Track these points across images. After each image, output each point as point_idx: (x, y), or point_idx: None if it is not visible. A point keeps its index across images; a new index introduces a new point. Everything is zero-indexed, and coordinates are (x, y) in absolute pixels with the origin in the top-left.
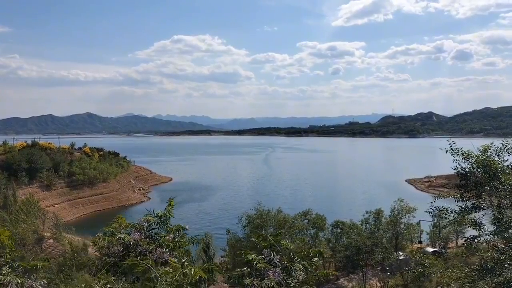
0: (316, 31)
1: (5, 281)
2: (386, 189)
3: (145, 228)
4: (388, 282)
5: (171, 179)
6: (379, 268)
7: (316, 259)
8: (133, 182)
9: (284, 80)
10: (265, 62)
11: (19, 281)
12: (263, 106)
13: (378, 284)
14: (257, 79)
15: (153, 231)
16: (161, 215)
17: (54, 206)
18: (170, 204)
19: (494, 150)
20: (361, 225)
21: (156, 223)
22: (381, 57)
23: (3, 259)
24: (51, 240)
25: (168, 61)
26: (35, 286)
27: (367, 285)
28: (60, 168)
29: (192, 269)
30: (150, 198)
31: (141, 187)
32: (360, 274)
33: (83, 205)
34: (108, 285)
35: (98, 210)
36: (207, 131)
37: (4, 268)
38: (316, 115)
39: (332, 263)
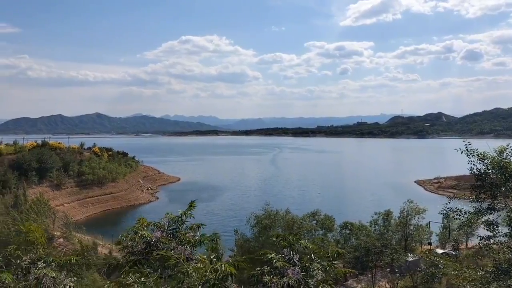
0: (324, 31)
1: (40, 274)
2: (395, 190)
3: (166, 227)
4: (397, 283)
5: (179, 179)
6: (388, 269)
7: (336, 262)
8: (142, 182)
9: (292, 80)
10: (273, 63)
11: (54, 275)
12: (270, 106)
13: (387, 286)
14: (265, 79)
15: (174, 229)
16: (181, 214)
17: (64, 206)
18: (191, 205)
19: (510, 152)
20: (370, 226)
21: (176, 221)
22: (390, 57)
23: (37, 255)
24: (61, 239)
25: (176, 62)
26: (66, 282)
27: (376, 287)
28: (69, 168)
29: (223, 265)
30: (158, 198)
31: (149, 187)
32: (369, 275)
33: (92, 204)
34: (142, 278)
35: (107, 210)
36: (215, 131)
37: (39, 263)
38: (324, 115)
39: (341, 264)
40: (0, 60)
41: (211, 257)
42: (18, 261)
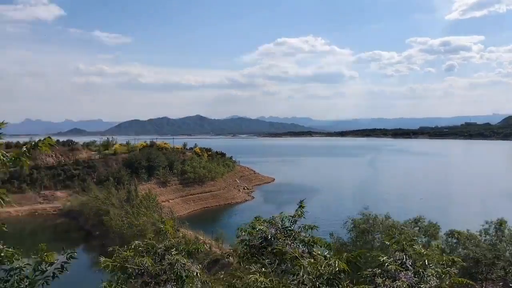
0: (427, 26)
1: (173, 260)
2: (510, 197)
3: (279, 225)
4: None
5: (274, 179)
6: (501, 283)
7: (453, 268)
8: (238, 182)
9: (391, 79)
10: (371, 61)
11: (184, 262)
12: (367, 106)
13: None
14: (362, 78)
15: (287, 228)
16: (294, 215)
17: (169, 201)
18: (301, 206)
19: None
20: (480, 235)
21: (289, 220)
22: (503, 51)
23: (169, 243)
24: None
25: (271, 64)
26: (193, 268)
27: None
28: (174, 167)
29: (336, 261)
30: (253, 198)
31: (245, 187)
32: None
33: (193, 201)
34: (263, 269)
35: (206, 207)
36: (309, 133)
37: (172, 250)
38: (427, 115)
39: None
40: (116, 67)
41: (325, 254)
42: (155, 248)
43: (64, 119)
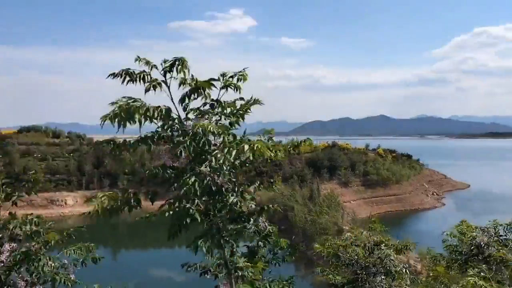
0: None
1: (382, 255)
2: None
3: (493, 233)
4: None
5: (469, 185)
6: None
7: None
8: (426, 186)
9: None
10: None
11: (394, 257)
12: None
13: None
14: None
15: (502, 237)
16: (510, 223)
17: (350, 203)
18: None
19: None
20: None
21: (504, 228)
22: None
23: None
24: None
25: (467, 57)
26: (401, 265)
27: None
28: (356, 168)
29: None
30: (444, 204)
31: (434, 192)
32: None
33: (376, 204)
34: (482, 273)
35: (389, 211)
36: None
37: (381, 245)
38: None
39: None
40: (299, 71)
41: None
42: (364, 242)
43: (255, 120)
